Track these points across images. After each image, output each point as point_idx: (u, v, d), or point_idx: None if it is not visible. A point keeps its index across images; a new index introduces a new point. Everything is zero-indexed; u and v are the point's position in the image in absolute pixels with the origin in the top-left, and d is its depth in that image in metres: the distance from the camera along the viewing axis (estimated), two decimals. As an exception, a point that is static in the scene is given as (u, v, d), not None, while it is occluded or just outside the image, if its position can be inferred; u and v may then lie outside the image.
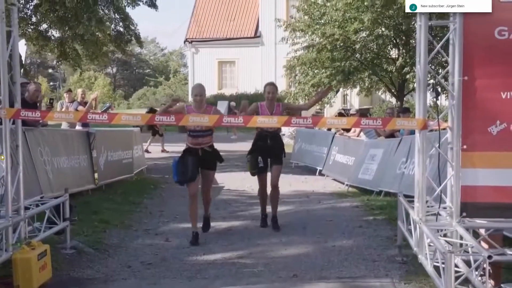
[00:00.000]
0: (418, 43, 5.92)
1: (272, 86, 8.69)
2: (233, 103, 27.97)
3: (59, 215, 7.24)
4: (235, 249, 7.69)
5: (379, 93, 29.40)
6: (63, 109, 13.97)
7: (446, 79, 6.04)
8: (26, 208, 6.70)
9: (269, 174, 8.89)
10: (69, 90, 15.97)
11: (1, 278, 5.99)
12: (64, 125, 13.61)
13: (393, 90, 23.10)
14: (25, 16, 18.80)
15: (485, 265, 4.73)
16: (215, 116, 6.64)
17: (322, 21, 21.45)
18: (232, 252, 7.56)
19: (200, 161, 8.00)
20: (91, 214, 9.50)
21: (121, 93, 64.31)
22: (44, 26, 19.96)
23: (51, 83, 66.05)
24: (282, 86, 33.95)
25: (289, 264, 6.94)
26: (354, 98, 34.66)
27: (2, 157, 6.15)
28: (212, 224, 8.78)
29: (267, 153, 8.68)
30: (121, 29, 21.38)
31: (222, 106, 34.54)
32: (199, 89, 7.91)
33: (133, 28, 21.36)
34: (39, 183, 9.51)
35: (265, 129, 8.33)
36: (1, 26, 5.90)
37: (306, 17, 22.15)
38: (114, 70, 68.97)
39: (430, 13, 5.89)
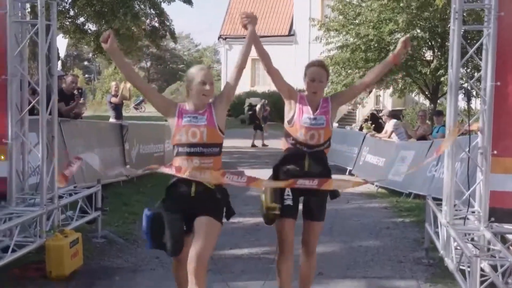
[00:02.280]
0: (451, 47, 5.94)
1: (319, 68, 4.88)
2: (265, 101, 28.02)
3: (91, 205, 7.42)
4: (262, 245, 7.77)
5: (413, 95, 29.19)
6: (110, 101, 14.21)
7: (480, 81, 6.04)
8: (60, 197, 6.89)
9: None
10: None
11: (35, 264, 6.18)
12: (112, 119, 13.88)
13: (426, 93, 22.93)
14: (63, 9, 19.13)
15: None
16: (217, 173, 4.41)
17: (357, 21, 21.41)
18: (259, 248, 7.64)
19: (190, 207, 4.44)
20: (122, 206, 9.70)
21: (154, 88, 64.91)
22: (81, 19, 20.29)
23: (86, 76, 66.97)
24: (314, 85, 33.97)
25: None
26: (387, 99, 34.39)
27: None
28: (240, 219, 8.86)
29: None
30: (156, 25, 21.61)
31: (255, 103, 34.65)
32: (208, 74, 4.47)
33: (168, 23, 21.60)
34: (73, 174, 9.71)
35: (300, 139, 4.81)
36: (41, 20, 6.09)
37: (340, 16, 22.12)
38: (148, 64, 69.60)
39: (465, 18, 5.90)
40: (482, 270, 4.89)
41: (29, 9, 11.09)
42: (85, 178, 10.05)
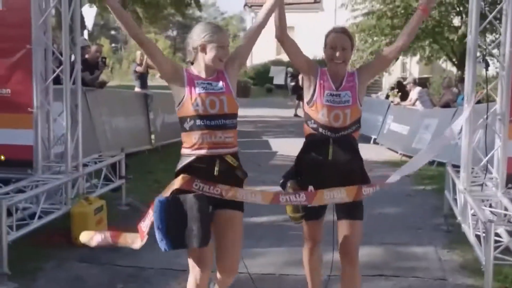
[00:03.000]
0: (470, 12, 5.92)
1: (341, 34, 4.18)
2: (290, 69, 27.93)
3: (115, 173, 7.62)
4: (282, 212, 7.86)
5: (440, 62, 28.85)
6: (135, 70, 14.39)
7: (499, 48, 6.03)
8: (85, 165, 7.08)
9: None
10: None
11: (60, 230, 6.40)
12: (137, 88, 14.05)
13: (454, 60, 22.67)
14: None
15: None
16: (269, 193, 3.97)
17: (383, -14, 21.18)
18: (279, 215, 7.75)
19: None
20: (146, 174, 9.89)
21: (180, 57, 64.99)
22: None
23: (113, 45, 67.29)
24: (340, 52, 33.72)
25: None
26: (413, 67, 34.05)
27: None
28: (262, 187, 8.97)
29: (328, 179, 4.04)
30: (181, -8, 21.67)
31: (278, 72, 34.58)
32: (226, 36, 3.87)
33: (193, -9, 21.64)
34: (98, 142, 9.94)
35: (323, 121, 4.06)
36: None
37: (367, -18, 21.90)
38: (175, 33, 69.61)
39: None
40: (499, 235, 4.95)
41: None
42: (110, 147, 10.25)
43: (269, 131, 18.20)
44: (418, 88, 14.82)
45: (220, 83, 3.78)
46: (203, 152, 3.71)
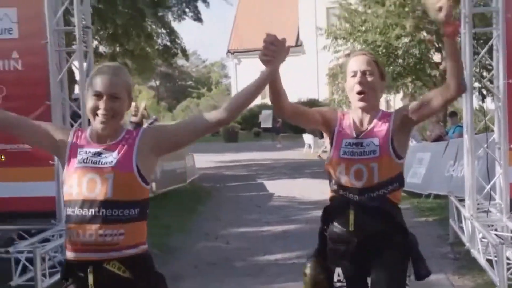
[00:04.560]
0: (463, 49, 6.33)
1: (363, 56, 3.30)
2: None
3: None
4: (293, 250, 8.14)
5: (423, 98, 29.47)
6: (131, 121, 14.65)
7: (491, 82, 6.44)
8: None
9: None
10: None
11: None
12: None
13: (437, 95, 23.24)
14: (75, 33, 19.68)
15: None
16: None
17: (363, 28, 21.76)
18: (291, 252, 8.01)
19: None
20: (153, 219, 10.06)
21: (165, 106, 65.48)
22: (95, 43, 20.84)
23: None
24: (325, 93, 34.35)
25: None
26: (398, 103, 34.70)
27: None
28: (268, 228, 9.27)
29: (360, 258, 3.22)
30: (168, 43, 22.12)
31: (266, 116, 35.03)
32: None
33: (178, 41, 22.10)
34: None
35: (343, 181, 3.21)
36: (79, 47, 6.59)
37: (347, 24, 22.52)
38: (158, 83, 70.27)
39: (474, 20, 6.30)
40: (507, 258, 5.24)
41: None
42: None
43: (262, 173, 18.48)
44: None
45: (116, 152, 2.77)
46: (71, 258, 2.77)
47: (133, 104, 15.85)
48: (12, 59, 6.65)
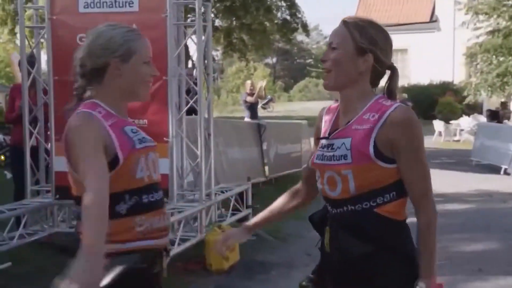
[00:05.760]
0: None
1: (333, 33, 2.71)
2: (404, 95, 28.04)
3: (243, 203, 8.30)
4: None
5: None
6: (245, 100, 15.04)
7: None
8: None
9: None
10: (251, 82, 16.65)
11: (195, 258, 7.06)
12: (247, 118, 14.72)
13: None
14: (193, 6, 20.45)
15: None
16: None
17: (510, 2, 21.10)
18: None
19: None
20: (267, 205, 10.47)
21: (281, 85, 66.20)
22: (211, 15, 21.60)
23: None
24: (461, 76, 33.48)
25: (473, 259, 7.42)
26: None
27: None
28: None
29: (337, 279, 2.67)
30: (288, 17, 22.49)
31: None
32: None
33: (299, 15, 22.42)
34: (216, 173, 10.62)
35: (323, 194, 2.72)
36: (198, 21, 7.02)
37: (491, -2, 21.91)
38: (274, 60, 71.03)
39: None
40: None
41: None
42: (227, 178, 10.87)
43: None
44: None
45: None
46: (147, 244, 2.70)
47: (248, 82, 16.45)
48: (131, 32, 7.19)
